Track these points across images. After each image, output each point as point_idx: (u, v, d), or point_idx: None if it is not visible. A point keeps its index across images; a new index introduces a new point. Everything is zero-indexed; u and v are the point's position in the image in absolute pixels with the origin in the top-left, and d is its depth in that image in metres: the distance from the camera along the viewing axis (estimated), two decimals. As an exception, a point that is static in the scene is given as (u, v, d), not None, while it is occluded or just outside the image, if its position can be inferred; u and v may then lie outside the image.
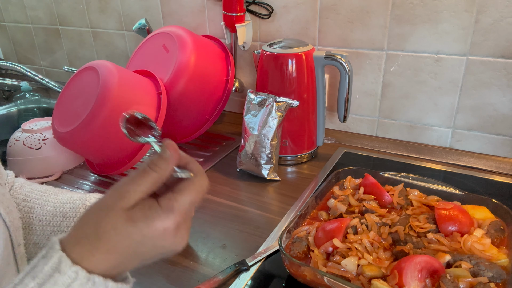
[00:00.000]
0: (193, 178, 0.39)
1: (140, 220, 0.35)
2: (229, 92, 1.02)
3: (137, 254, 0.37)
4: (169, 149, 0.38)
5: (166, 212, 0.36)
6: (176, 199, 0.37)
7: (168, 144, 0.39)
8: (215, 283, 0.58)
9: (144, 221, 0.36)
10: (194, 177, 0.39)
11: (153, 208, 0.36)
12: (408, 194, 0.68)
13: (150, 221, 0.36)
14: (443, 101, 0.89)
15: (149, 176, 0.37)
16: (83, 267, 0.35)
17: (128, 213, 0.36)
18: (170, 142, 0.39)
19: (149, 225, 0.36)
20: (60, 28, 1.47)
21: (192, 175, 0.39)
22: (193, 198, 0.38)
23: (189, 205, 0.38)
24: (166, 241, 0.37)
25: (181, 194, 0.38)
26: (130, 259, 0.37)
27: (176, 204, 0.37)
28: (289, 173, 0.90)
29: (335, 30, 0.95)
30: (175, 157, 0.39)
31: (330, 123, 1.05)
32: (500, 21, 0.78)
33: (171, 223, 0.36)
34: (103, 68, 0.84)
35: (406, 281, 0.49)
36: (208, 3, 1.10)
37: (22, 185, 0.66)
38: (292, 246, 0.59)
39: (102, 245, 0.35)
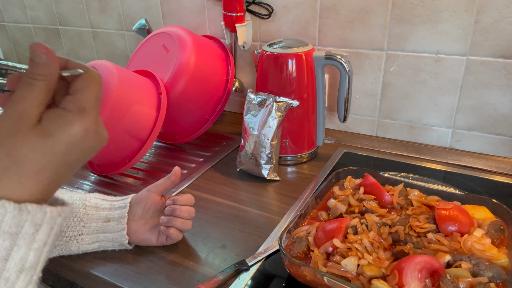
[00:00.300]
0: (84, 74, 0.37)
1: (56, 131, 0.34)
2: (229, 92, 1.02)
3: (67, 164, 0.35)
4: (42, 52, 0.34)
5: (79, 113, 0.35)
6: (81, 98, 0.36)
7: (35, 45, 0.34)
8: (215, 283, 0.58)
9: (61, 130, 0.34)
10: (84, 73, 0.37)
11: (63, 115, 0.35)
12: (408, 194, 0.68)
13: (68, 128, 0.34)
14: (443, 101, 0.89)
15: (36, 88, 0.34)
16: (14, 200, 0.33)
17: (38, 129, 0.34)
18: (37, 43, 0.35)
19: (67, 131, 0.34)
20: (60, 28, 1.47)
21: (81, 71, 0.37)
22: (95, 92, 0.37)
23: (96, 100, 0.37)
24: (91, 141, 0.36)
25: (83, 92, 0.36)
26: (61, 172, 0.35)
27: (84, 102, 0.35)
28: (289, 173, 0.90)
29: (335, 30, 0.95)
30: (53, 58, 0.35)
31: (330, 123, 1.05)
32: (500, 21, 0.78)
33: (88, 122, 0.35)
34: (103, 68, 0.84)
35: (406, 281, 0.49)
36: (208, 3, 1.10)
37: None
38: (292, 246, 0.59)
39: (27, 170, 0.33)
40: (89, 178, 0.93)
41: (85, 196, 0.66)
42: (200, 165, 0.95)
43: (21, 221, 0.33)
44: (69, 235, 0.62)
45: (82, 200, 0.64)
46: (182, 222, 0.64)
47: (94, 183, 0.91)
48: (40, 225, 0.34)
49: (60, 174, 0.35)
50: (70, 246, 0.62)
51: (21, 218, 0.33)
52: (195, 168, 0.94)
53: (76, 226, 0.62)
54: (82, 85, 0.36)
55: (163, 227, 0.65)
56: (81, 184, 0.90)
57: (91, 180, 0.92)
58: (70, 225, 0.62)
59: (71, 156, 0.35)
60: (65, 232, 0.62)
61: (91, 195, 0.66)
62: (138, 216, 0.65)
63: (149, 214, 0.66)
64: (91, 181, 0.91)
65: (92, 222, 0.63)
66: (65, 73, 0.36)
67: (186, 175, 0.91)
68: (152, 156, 1.02)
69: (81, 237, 0.62)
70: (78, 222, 0.62)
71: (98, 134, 0.37)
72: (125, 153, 0.87)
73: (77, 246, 0.63)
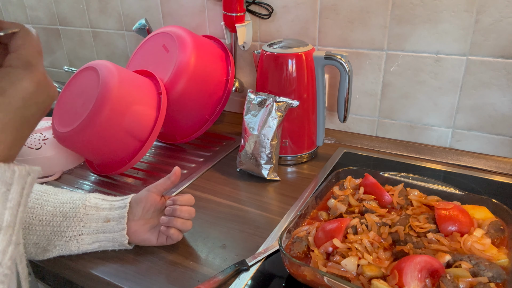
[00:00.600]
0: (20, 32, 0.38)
1: (9, 88, 0.34)
2: (229, 92, 1.02)
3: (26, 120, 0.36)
4: None
5: (27, 68, 0.36)
6: (24, 54, 0.36)
7: None
8: (215, 283, 0.58)
9: (13, 87, 0.34)
10: (20, 30, 0.38)
11: (12, 72, 0.35)
12: (408, 194, 0.68)
13: (19, 83, 0.35)
14: (443, 101, 0.89)
15: None
16: None
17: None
18: None
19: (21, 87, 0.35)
20: (60, 28, 1.47)
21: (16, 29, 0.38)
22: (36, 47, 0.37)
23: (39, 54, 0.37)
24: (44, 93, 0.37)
25: (25, 48, 0.37)
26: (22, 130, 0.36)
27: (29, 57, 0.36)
28: (289, 173, 0.90)
29: (335, 30, 0.95)
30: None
31: (330, 123, 1.05)
32: (500, 21, 0.78)
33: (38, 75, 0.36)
34: (103, 68, 0.84)
35: (406, 281, 0.49)
36: (208, 3, 1.10)
37: None
38: (292, 246, 0.59)
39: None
40: (89, 178, 0.93)
41: (85, 196, 0.66)
42: (200, 165, 0.95)
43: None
44: (69, 235, 0.62)
45: (82, 200, 0.65)
46: (182, 223, 0.64)
47: (94, 183, 0.91)
48: (11, 184, 0.34)
49: (21, 131, 0.36)
50: (70, 246, 0.62)
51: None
52: (195, 168, 0.94)
53: (76, 226, 0.62)
54: (22, 42, 0.37)
55: (164, 227, 0.65)
56: (81, 184, 0.90)
57: (91, 180, 0.92)
58: (70, 225, 0.62)
59: (28, 110, 0.36)
60: (65, 232, 0.62)
61: (91, 195, 0.66)
62: (138, 216, 0.65)
63: (149, 214, 0.66)
64: (91, 181, 0.91)
65: (92, 222, 0.63)
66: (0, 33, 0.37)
67: (186, 175, 0.91)
68: (152, 156, 1.02)
69: (81, 237, 0.63)
70: (78, 222, 0.63)
71: (49, 86, 0.37)
72: (125, 153, 0.87)
73: (77, 246, 0.63)
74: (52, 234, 0.62)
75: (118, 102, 0.81)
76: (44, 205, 0.63)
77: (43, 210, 0.63)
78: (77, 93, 0.87)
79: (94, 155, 0.91)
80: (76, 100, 0.85)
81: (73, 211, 0.63)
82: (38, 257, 0.63)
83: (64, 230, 0.62)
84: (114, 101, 0.80)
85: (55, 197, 0.65)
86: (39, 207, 0.63)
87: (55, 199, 0.64)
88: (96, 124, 0.80)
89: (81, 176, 0.94)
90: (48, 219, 0.62)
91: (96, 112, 0.79)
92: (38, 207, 0.63)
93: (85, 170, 0.96)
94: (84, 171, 0.95)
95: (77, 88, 0.88)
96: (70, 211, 0.63)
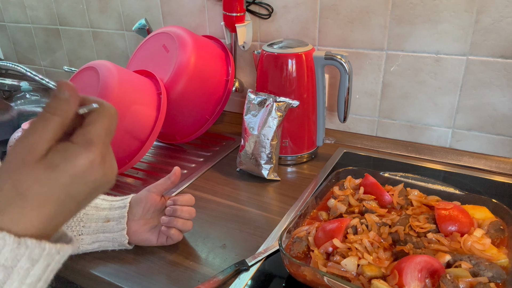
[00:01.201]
0: (98, 108, 0.37)
1: (61, 162, 0.34)
2: (229, 92, 1.02)
3: (72, 196, 0.35)
4: (66, 88, 0.35)
5: (85, 146, 0.35)
6: (89, 131, 0.36)
7: (62, 83, 0.35)
8: (215, 283, 0.58)
9: (66, 162, 0.34)
10: (99, 108, 0.37)
11: (70, 148, 0.35)
12: (408, 194, 0.68)
13: (72, 160, 0.34)
14: (443, 101, 0.89)
15: (51, 122, 0.34)
16: (14, 232, 0.32)
17: (43, 161, 0.34)
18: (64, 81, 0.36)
19: (72, 163, 0.34)
20: (60, 28, 1.47)
21: (96, 105, 0.37)
22: (106, 125, 0.37)
23: (105, 133, 0.36)
24: (96, 174, 0.35)
25: (93, 125, 0.36)
26: (66, 205, 0.35)
27: (92, 135, 0.35)
28: (289, 173, 0.90)
29: (335, 30, 0.95)
30: (75, 96, 0.36)
31: (330, 123, 1.05)
32: (500, 21, 0.78)
33: (94, 154, 0.35)
34: (103, 68, 0.84)
35: (406, 281, 0.49)
36: (208, 3, 1.10)
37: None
38: (292, 246, 0.59)
39: (31, 202, 0.33)
40: (89, 178, 0.93)
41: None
42: (200, 165, 0.95)
43: (18, 255, 0.33)
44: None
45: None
46: (183, 223, 0.64)
47: (94, 183, 0.90)
48: (37, 260, 0.34)
49: (64, 207, 0.35)
50: None
51: (19, 252, 0.33)
52: (195, 168, 0.94)
53: (76, 226, 0.62)
54: (93, 119, 0.36)
55: (164, 227, 0.65)
56: (81, 184, 0.90)
57: (91, 180, 0.92)
58: (70, 225, 0.62)
59: (75, 188, 0.35)
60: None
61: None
62: (138, 216, 0.65)
63: (149, 214, 0.66)
64: (91, 181, 0.91)
65: (92, 222, 0.63)
66: (82, 110, 0.37)
67: (186, 175, 0.91)
68: (152, 156, 1.02)
69: (81, 237, 0.62)
70: (78, 222, 0.62)
71: (105, 168, 0.36)
72: (125, 153, 0.87)
73: (77, 246, 0.62)
74: (52, 234, 0.62)
75: (118, 102, 0.81)
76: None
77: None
78: (77, 93, 0.87)
79: (94, 155, 0.91)
80: (76, 100, 0.85)
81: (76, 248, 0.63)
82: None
83: (64, 230, 0.62)
84: (114, 101, 0.80)
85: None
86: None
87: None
88: (96, 124, 0.79)
89: (81, 176, 0.94)
90: (48, 219, 0.62)
91: (96, 112, 0.79)
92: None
93: (85, 170, 0.96)
94: (84, 171, 0.95)
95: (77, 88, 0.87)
96: (70, 211, 0.63)
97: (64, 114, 0.35)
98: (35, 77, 1.28)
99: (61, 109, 0.35)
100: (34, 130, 0.34)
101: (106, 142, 0.37)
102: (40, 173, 0.33)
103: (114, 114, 0.38)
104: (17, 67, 1.28)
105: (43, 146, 0.34)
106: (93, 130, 0.36)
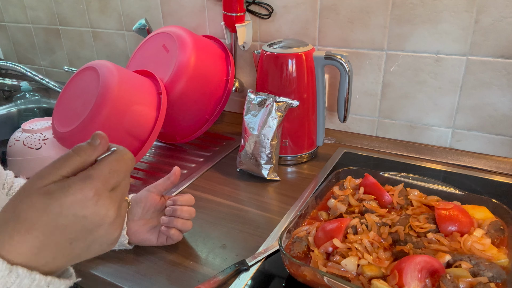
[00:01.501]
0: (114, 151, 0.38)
1: (56, 191, 0.34)
2: (229, 92, 1.02)
3: (59, 229, 0.35)
4: (99, 138, 0.38)
5: (83, 179, 0.35)
6: (93, 167, 0.36)
7: (99, 134, 0.38)
8: (215, 283, 0.58)
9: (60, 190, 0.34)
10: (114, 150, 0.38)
11: (68, 180, 0.35)
12: (408, 194, 0.68)
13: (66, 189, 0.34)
14: (443, 101, 0.89)
15: (71, 160, 0.36)
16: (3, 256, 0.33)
17: (44, 188, 0.35)
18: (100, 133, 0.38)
19: (65, 193, 0.34)
20: (60, 28, 1.47)
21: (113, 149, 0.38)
22: (113, 166, 0.37)
23: (109, 173, 0.36)
24: (87, 210, 0.35)
25: (98, 163, 0.37)
26: (53, 236, 0.35)
27: (93, 171, 0.36)
28: (289, 173, 0.90)
29: (335, 30, 0.95)
30: (103, 146, 0.38)
31: (330, 123, 1.05)
32: (500, 21, 0.78)
33: (88, 188, 0.35)
34: (103, 68, 0.84)
35: (406, 281, 0.49)
36: (208, 3, 1.10)
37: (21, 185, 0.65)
38: (292, 246, 0.59)
39: (20, 225, 0.34)
40: (89, 178, 0.93)
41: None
42: (200, 165, 0.95)
43: (8, 282, 0.33)
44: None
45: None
46: (183, 223, 0.64)
47: (94, 183, 0.90)
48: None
49: (51, 238, 0.35)
50: None
51: (9, 279, 0.33)
52: (195, 168, 0.94)
53: (76, 226, 0.62)
54: (103, 158, 0.38)
55: (164, 227, 0.65)
56: (81, 184, 0.90)
57: (91, 180, 0.92)
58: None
59: (63, 219, 0.34)
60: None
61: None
62: (138, 216, 0.65)
63: (148, 214, 0.66)
64: (91, 181, 0.91)
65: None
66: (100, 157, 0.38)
67: (186, 175, 0.91)
68: (152, 156, 1.02)
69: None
70: (78, 222, 0.62)
71: (98, 206, 0.35)
72: (125, 153, 0.86)
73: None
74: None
75: (118, 102, 0.81)
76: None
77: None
78: (77, 93, 0.87)
79: (94, 155, 0.91)
80: (76, 100, 0.85)
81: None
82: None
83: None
84: (114, 101, 0.80)
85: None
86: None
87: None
88: (96, 124, 0.79)
89: (81, 176, 0.94)
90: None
91: (96, 112, 0.79)
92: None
93: (85, 170, 0.96)
94: (84, 171, 0.95)
95: (77, 88, 0.88)
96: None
97: (86, 157, 0.37)
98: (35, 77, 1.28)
99: (85, 152, 0.37)
100: (54, 163, 0.36)
101: (108, 181, 0.36)
102: (37, 198, 0.34)
103: (127, 159, 0.39)
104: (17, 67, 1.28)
105: (54, 178, 0.35)
106: (96, 167, 0.36)
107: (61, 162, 0.36)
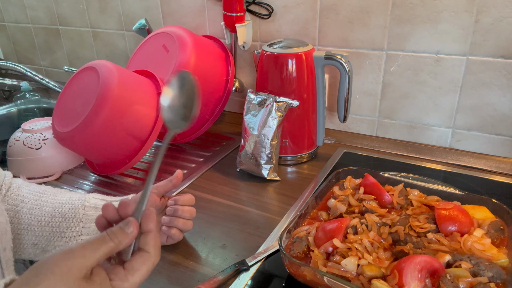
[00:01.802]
0: (147, 256, 0.42)
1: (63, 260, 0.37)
2: (229, 92, 1.02)
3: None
4: (132, 225, 0.41)
5: None
6: (128, 279, 0.40)
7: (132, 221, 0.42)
8: (215, 283, 0.58)
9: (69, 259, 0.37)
10: (148, 255, 0.42)
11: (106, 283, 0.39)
12: (408, 194, 0.68)
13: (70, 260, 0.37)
14: (443, 101, 0.89)
15: (106, 245, 0.39)
16: None
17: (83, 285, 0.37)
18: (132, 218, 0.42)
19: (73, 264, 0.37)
20: (60, 28, 1.47)
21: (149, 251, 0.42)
22: (143, 276, 0.41)
23: (140, 282, 0.41)
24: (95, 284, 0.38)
25: (133, 275, 0.40)
26: None
27: (127, 284, 0.40)
28: (289, 173, 0.90)
29: (335, 30, 0.95)
30: (134, 234, 0.41)
31: (330, 123, 1.05)
32: (500, 21, 0.78)
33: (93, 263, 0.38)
34: (103, 68, 0.84)
35: (406, 281, 0.49)
36: (208, 3, 1.10)
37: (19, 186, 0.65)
38: (292, 246, 0.59)
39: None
40: (89, 178, 0.93)
41: (84, 196, 0.66)
42: (200, 165, 0.95)
43: None
44: (69, 235, 0.62)
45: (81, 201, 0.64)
46: (183, 223, 0.64)
47: (94, 183, 0.91)
48: None
49: None
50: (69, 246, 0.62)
51: None
52: (195, 168, 0.94)
53: (76, 226, 0.62)
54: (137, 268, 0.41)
55: (165, 227, 0.65)
56: (81, 184, 0.90)
57: (91, 180, 0.92)
58: (70, 226, 0.62)
59: None
60: (65, 233, 0.62)
61: (90, 195, 0.66)
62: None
63: (149, 215, 0.66)
64: (91, 181, 0.91)
65: (91, 222, 0.63)
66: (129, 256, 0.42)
67: (186, 175, 0.91)
68: (152, 156, 1.02)
69: (81, 238, 0.62)
70: (78, 222, 0.62)
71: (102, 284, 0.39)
72: (125, 153, 0.87)
73: None
74: (52, 235, 0.62)
75: (118, 102, 0.81)
76: (43, 206, 0.63)
77: (42, 211, 0.62)
78: (77, 93, 0.87)
79: (94, 155, 0.91)
80: (76, 100, 0.85)
81: (72, 211, 0.63)
82: (37, 257, 0.63)
83: (63, 230, 0.62)
84: (114, 101, 0.80)
85: (53, 197, 0.65)
86: (37, 208, 0.63)
87: (54, 200, 0.64)
88: (96, 124, 0.79)
89: (81, 176, 0.94)
90: (47, 220, 0.62)
91: (96, 112, 0.79)
92: (37, 208, 0.63)
93: (85, 170, 0.96)
94: (84, 171, 0.95)
95: (77, 88, 0.88)
96: (69, 211, 0.63)
97: (119, 244, 0.40)
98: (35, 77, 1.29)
99: (118, 238, 0.40)
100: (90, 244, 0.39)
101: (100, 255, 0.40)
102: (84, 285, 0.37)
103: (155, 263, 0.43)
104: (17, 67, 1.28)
105: (90, 264, 0.38)
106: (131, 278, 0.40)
107: (97, 244, 0.39)
